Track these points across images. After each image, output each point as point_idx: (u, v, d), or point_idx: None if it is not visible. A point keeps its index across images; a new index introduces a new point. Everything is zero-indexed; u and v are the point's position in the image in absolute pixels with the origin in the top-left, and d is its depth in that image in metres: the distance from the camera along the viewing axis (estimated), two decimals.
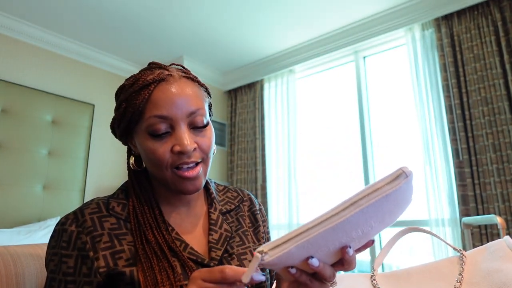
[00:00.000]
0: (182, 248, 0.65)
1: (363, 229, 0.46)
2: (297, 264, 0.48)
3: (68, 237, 0.62)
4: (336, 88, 3.36)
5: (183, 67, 0.73)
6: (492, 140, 2.28)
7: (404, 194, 0.46)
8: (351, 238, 0.47)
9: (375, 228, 0.49)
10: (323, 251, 0.46)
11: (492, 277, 0.57)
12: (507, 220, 2.14)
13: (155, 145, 0.63)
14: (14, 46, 2.85)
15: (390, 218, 0.50)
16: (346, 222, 0.43)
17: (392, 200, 0.45)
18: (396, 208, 0.48)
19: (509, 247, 0.61)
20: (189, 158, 0.64)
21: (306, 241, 0.43)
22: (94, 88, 3.30)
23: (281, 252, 0.43)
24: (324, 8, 2.77)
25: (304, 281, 0.51)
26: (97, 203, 0.67)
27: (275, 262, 0.44)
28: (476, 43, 2.44)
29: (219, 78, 3.89)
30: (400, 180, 0.44)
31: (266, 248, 0.43)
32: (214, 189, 0.80)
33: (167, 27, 2.98)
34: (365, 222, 0.46)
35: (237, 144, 3.70)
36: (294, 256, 0.45)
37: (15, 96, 2.76)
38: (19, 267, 0.74)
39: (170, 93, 0.64)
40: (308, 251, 0.45)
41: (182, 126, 0.64)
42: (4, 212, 2.59)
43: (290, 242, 0.43)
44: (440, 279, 0.61)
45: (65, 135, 3.01)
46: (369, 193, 0.43)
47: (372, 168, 2.93)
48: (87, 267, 0.60)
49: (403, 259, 2.94)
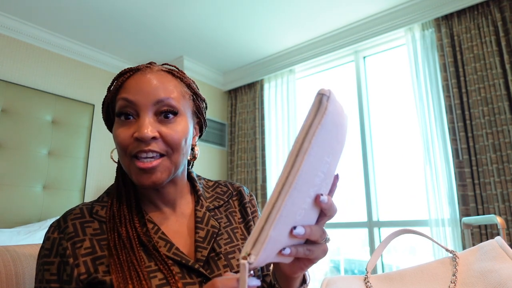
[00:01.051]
0: (166, 248, 0.64)
1: (323, 170, 0.44)
2: (286, 243, 0.44)
3: (50, 245, 0.62)
4: (336, 88, 3.36)
5: (175, 66, 0.74)
6: (492, 140, 2.28)
7: (335, 115, 0.44)
8: (317, 186, 0.44)
9: (332, 163, 0.46)
10: (300, 215, 0.44)
11: (486, 277, 0.57)
12: (507, 220, 2.14)
13: (120, 129, 0.65)
14: (14, 46, 2.85)
15: (339, 144, 0.47)
16: (304, 173, 0.41)
17: (330, 126, 0.43)
18: (337, 130, 0.45)
19: (501, 247, 0.62)
20: (146, 146, 0.62)
21: (280, 217, 0.40)
22: (94, 88, 3.31)
23: (264, 244, 0.39)
24: (324, 8, 2.77)
25: (303, 253, 0.48)
26: (80, 209, 0.67)
27: (264, 257, 0.41)
28: (476, 43, 2.44)
29: (219, 78, 3.89)
30: (324, 103, 0.42)
31: (248, 248, 0.40)
32: (202, 186, 0.79)
33: (167, 27, 2.98)
34: (320, 162, 0.43)
35: (237, 144, 3.70)
36: (279, 237, 0.42)
37: (15, 96, 2.76)
38: (19, 267, 0.74)
39: (140, 80, 0.66)
40: (287, 224, 0.42)
41: (148, 113, 0.64)
42: (4, 212, 2.59)
43: (266, 228, 0.40)
44: (434, 281, 0.62)
45: (65, 135, 3.01)
46: (305, 133, 0.41)
47: (372, 168, 2.93)
48: (67, 273, 0.59)
49: (403, 259, 2.94)
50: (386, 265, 2.84)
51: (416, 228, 2.56)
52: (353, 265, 3.25)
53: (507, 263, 0.58)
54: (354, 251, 3.28)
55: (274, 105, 3.51)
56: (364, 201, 2.87)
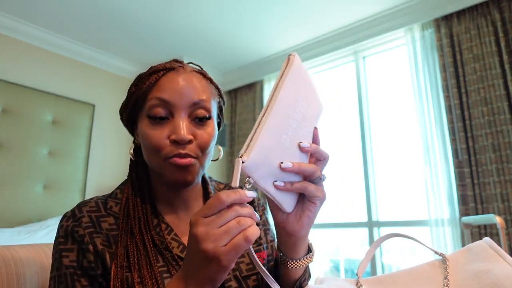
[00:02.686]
0: (179, 250, 0.64)
1: (300, 109, 0.53)
2: (278, 175, 0.50)
3: (64, 232, 0.62)
4: (336, 88, 3.36)
5: (199, 66, 0.73)
6: (491, 140, 2.29)
7: (301, 68, 0.55)
8: (297, 121, 0.53)
9: (309, 109, 0.55)
10: (286, 142, 0.51)
11: (481, 278, 0.57)
12: (506, 219, 2.14)
13: (152, 130, 0.63)
14: (14, 46, 2.85)
15: (314, 100, 0.57)
16: (281, 100, 0.50)
17: (297, 74, 0.54)
18: (305, 82, 0.56)
19: (491, 247, 0.62)
20: (183, 149, 0.62)
21: (266, 129, 0.47)
22: (94, 88, 3.31)
23: (254, 146, 0.46)
24: (324, 8, 2.78)
25: (299, 187, 0.52)
26: (95, 202, 0.67)
27: (255, 162, 0.46)
28: (475, 44, 2.45)
29: (219, 78, 3.90)
30: (291, 59, 0.54)
31: (242, 151, 0.46)
32: (214, 188, 0.79)
33: (167, 27, 2.98)
34: (296, 101, 0.53)
35: (237, 144, 3.71)
36: (268, 152, 0.48)
37: (15, 96, 2.76)
38: (20, 267, 0.74)
39: (176, 80, 0.64)
40: (275, 138, 0.49)
41: (182, 115, 0.63)
42: (4, 212, 2.59)
43: (255, 135, 0.47)
44: (426, 284, 0.62)
45: (65, 135, 3.01)
46: (280, 77, 0.52)
47: (372, 168, 2.93)
48: (88, 260, 0.60)
49: (403, 260, 2.94)
50: (386, 266, 2.84)
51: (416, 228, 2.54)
52: (353, 265, 3.25)
53: (499, 263, 0.58)
54: (354, 251, 3.28)
55: None
56: (364, 201, 2.87)
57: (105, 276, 0.60)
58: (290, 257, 0.61)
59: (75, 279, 0.59)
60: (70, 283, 0.59)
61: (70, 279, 0.59)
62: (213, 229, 0.46)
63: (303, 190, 0.53)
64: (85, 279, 0.59)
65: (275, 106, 0.49)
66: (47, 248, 0.82)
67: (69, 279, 0.59)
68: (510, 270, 0.56)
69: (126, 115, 0.69)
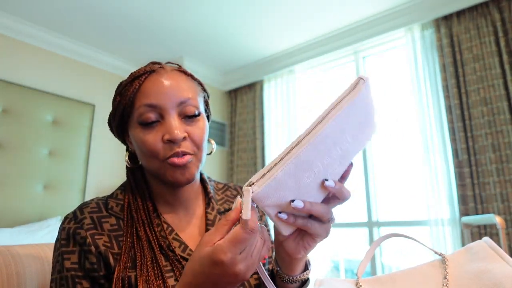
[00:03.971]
0: (181, 249, 0.65)
1: (341, 146, 0.47)
2: (285, 208, 0.46)
3: (66, 234, 0.62)
4: (336, 88, 3.37)
5: (178, 65, 0.74)
6: (491, 140, 2.29)
7: (366, 100, 0.47)
8: (332, 159, 0.46)
9: (352, 146, 0.49)
10: (309, 179, 0.45)
11: (481, 278, 0.57)
12: (506, 219, 2.14)
13: (145, 135, 0.63)
14: (14, 46, 2.85)
15: (363, 133, 0.50)
16: (324, 136, 0.43)
17: (358, 108, 0.46)
18: (365, 116, 0.48)
19: (490, 247, 0.62)
20: (179, 147, 0.63)
21: (291, 163, 0.42)
22: (94, 88, 3.31)
23: (269, 180, 0.42)
24: (324, 8, 2.78)
25: (302, 224, 0.50)
26: (96, 203, 0.67)
27: (266, 194, 0.43)
28: (475, 44, 2.45)
29: (219, 78, 3.90)
30: (360, 86, 0.45)
31: (254, 179, 0.43)
32: (213, 187, 0.79)
33: (167, 27, 2.98)
34: (341, 137, 0.46)
35: (237, 144, 3.71)
36: (283, 187, 0.43)
37: (15, 96, 2.76)
38: (20, 266, 0.74)
39: (160, 82, 0.65)
40: (295, 177, 0.44)
41: (172, 115, 0.64)
42: (4, 212, 2.59)
43: (276, 167, 0.42)
44: (425, 284, 0.62)
45: (65, 135, 3.01)
46: (336, 104, 0.44)
47: (372, 168, 2.93)
48: (90, 262, 0.60)
49: (403, 260, 2.94)
50: (386, 266, 2.85)
51: (416, 228, 2.55)
52: (353, 265, 3.25)
53: (499, 262, 0.58)
54: (354, 251, 3.28)
55: (274, 105, 3.51)
56: (364, 201, 2.88)
57: (108, 277, 0.61)
58: (286, 273, 0.61)
59: (76, 282, 0.59)
60: (71, 285, 0.59)
61: (71, 281, 0.59)
62: (246, 254, 0.47)
63: (306, 228, 0.52)
64: (86, 282, 0.60)
65: (314, 140, 0.43)
66: (47, 248, 0.82)
67: (70, 281, 0.59)
68: (509, 270, 0.56)
69: (116, 125, 0.70)
